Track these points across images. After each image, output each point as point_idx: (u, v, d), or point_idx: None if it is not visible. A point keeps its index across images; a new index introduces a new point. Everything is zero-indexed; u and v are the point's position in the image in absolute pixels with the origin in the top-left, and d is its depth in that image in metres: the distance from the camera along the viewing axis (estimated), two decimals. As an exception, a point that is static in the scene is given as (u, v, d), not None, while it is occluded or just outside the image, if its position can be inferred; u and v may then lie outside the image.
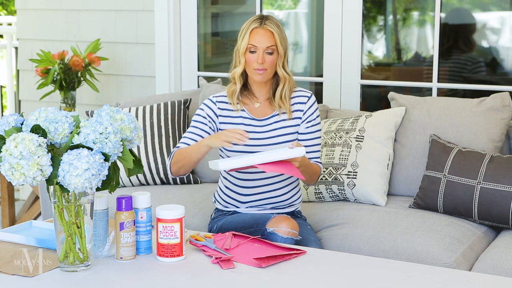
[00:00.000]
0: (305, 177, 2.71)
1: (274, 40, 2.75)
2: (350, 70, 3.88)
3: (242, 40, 2.77)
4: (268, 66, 2.76)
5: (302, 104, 2.84)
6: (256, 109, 2.84)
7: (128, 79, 4.43)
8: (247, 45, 2.76)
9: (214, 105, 2.84)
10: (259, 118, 2.83)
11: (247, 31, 2.77)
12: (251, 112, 2.84)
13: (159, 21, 4.24)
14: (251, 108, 2.85)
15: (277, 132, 2.82)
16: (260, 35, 2.75)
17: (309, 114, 2.83)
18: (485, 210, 2.95)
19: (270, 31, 2.75)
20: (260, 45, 2.75)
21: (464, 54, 4.29)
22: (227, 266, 2.19)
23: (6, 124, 2.11)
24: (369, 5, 4.68)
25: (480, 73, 4.32)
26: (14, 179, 2.00)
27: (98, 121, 2.07)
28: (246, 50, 2.77)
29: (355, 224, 2.98)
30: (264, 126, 2.82)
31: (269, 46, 2.75)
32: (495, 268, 2.64)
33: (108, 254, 2.28)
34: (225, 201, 2.89)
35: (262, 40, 2.75)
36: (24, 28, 4.75)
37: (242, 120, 2.82)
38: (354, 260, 2.33)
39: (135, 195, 2.29)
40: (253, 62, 2.76)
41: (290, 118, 2.82)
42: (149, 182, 3.56)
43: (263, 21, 2.77)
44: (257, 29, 2.76)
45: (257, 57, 2.74)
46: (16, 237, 2.40)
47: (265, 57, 2.75)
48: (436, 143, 3.17)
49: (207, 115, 2.83)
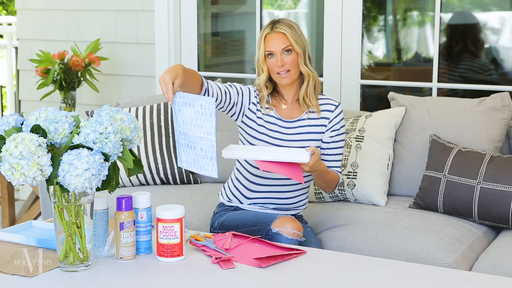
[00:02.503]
0: (320, 183, 2.76)
1: (288, 40, 2.77)
2: (350, 70, 3.88)
3: (259, 49, 2.82)
4: (290, 67, 2.78)
5: (329, 112, 2.85)
6: (283, 110, 2.86)
7: (128, 79, 4.43)
8: (264, 52, 2.80)
9: (254, 92, 2.86)
10: (286, 119, 2.84)
11: (261, 39, 2.81)
12: (279, 113, 2.86)
13: (159, 21, 4.24)
14: (279, 109, 2.87)
15: (301, 136, 2.82)
16: (273, 39, 2.78)
17: (334, 123, 2.84)
18: (485, 210, 2.95)
19: (282, 33, 2.78)
20: (275, 49, 2.78)
21: (475, 59, 4.29)
22: (227, 266, 2.19)
23: (6, 124, 2.11)
24: (369, 5, 4.67)
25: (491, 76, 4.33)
26: (14, 179, 2.00)
27: (98, 121, 2.07)
28: (265, 57, 2.80)
29: (355, 225, 2.98)
30: (289, 128, 2.83)
31: (284, 47, 2.77)
32: (495, 268, 2.64)
33: (108, 254, 2.28)
34: (232, 192, 2.90)
35: (276, 44, 2.78)
36: (24, 28, 4.75)
37: (269, 118, 2.84)
38: (354, 260, 2.33)
39: (135, 195, 2.29)
40: (274, 66, 2.79)
41: (319, 117, 2.83)
42: (149, 182, 3.56)
43: (274, 25, 2.80)
44: (269, 35, 2.80)
45: (276, 61, 2.78)
46: (16, 237, 2.40)
47: (284, 59, 2.77)
48: (436, 143, 3.17)
49: (246, 91, 2.83)
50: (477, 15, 4.48)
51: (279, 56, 2.77)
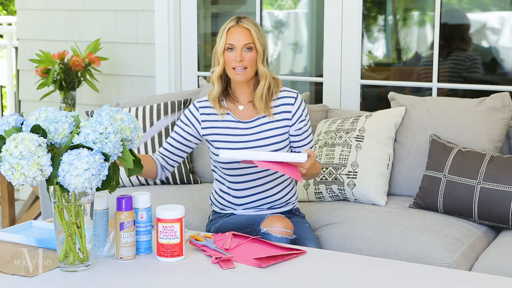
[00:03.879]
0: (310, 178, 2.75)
1: (252, 37, 2.73)
2: (350, 70, 3.88)
3: (219, 40, 2.75)
4: (247, 64, 2.73)
5: (289, 106, 2.81)
6: (240, 112, 2.81)
7: (128, 79, 4.43)
8: (225, 44, 2.74)
9: (196, 111, 2.82)
10: (245, 120, 2.80)
11: (224, 30, 2.75)
12: (236, 115, 2.81)
13: (159, 21, 4.24)
14: (235, 111, 2.82)
15: (265, 134, 2.79)
16: (237, 33, 2.73)
17: (299, 115, 2.81)
18: (485, 210, 2.95)
19: (247, 28, 2.74)
20: (237, 43, 2.73)
21: (462, 52, 4.30)
22: (227, 266, 2.19)
23: (6, 124, 2.11)
24: (369, 5, 4.68)
25: (477, 71, 4.32)
26: (14, 179, 2.00)
27: (98, 121, 2.07)
28: (224, 50, 2.75)
29: (355, 224, 2.98)
30: (251, 128, 2.79)
31: (246, 43, 2.73)
32: (495, 268, 2.64)
33: (108, 254, 2.28)
34: (221, 203, 2.89)
35: (239, 38, 2.73)
36: (24, 28, 4.75)
37: (228, 124, 2.80)
38: (354, 260, 2.33)
39: (135, 195, 2.29)
40: (232, 60, 2.73)
41: (274, 120, 2.79)
42: (149, 182, 3.56)
43: (240, 19, 2.76)
44: (234, 28, 2.74)
45: (236, 55, 2.72)
46: (16, 237, 2.40)
47: (243, 55, 2.72)
48: (436, 143, 3.17)
49: (189, 121, 2.82)
50: (477, 15, 4.48)
51: (239, 51, 2.72)
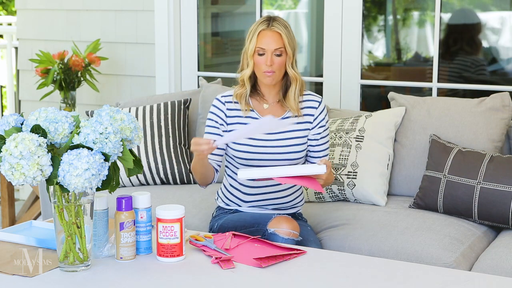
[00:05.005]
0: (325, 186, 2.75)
1: (282, 42, 2.73)
2: (350, 70, 3.88)
3: (250, 43, 2.75)
4: (276, 69, 2.73)
5: (313, 109, 2.82)
6: (265, 110, 2.82)
7: (128, 79, 4.43)
8: (255, 47, 2.73)
9: (222, 105, 2.82)
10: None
11: (254, 33, 2.74)
12: (261, 113, 2.81)
13: (159, 21, 4.24)
14: (260, 109, 2.82)
15: (285, 134, 2.80)
16: (268, 37, 2.73)
17: (320, 119, 2.82)
18: (485, 210, 2.95)
19: (278, 32, 2.73)
20: (268, 48, 2.72)
21: (468, 56, 4.29)
22: (227, 266, 2.20)
23: (6, 124, 2.11)
24: (369, 5, 4.68)
25: (483, 75, 4.32)
26: (14, 179, 2.00)
27: (98, 121, 2.07)
28: (255, 53, 2.74)
29: (355, 224, 2.98)
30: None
31: (277, 48, 2.72)
32: (495, 268, 2.64)
33: (108, 254, 2.28)
34: (228, 198, 2.89)
35: (270, 42, 2.72)
36: (24, 28, 4.75)
37: (251, 120, 2.79)
38: (354, 260, 2.33)
39: (135, 195, 2.29)
40: (262, 64, 2.73)
41: (300, 121, 2.80)
42: (149, 182, 3.56)
43: (271, 22, 2.74)
44: (264, 31, 2.74)
45: (266, 60, 2.72)
46: (16, 237, 2.40)
47: (273, 59, 2.72)
48: (436, 143, 3.17)
49: (218, 117, 2.82)
50: (477, 15, 4.48)
51: (270, 55, 2.72)
